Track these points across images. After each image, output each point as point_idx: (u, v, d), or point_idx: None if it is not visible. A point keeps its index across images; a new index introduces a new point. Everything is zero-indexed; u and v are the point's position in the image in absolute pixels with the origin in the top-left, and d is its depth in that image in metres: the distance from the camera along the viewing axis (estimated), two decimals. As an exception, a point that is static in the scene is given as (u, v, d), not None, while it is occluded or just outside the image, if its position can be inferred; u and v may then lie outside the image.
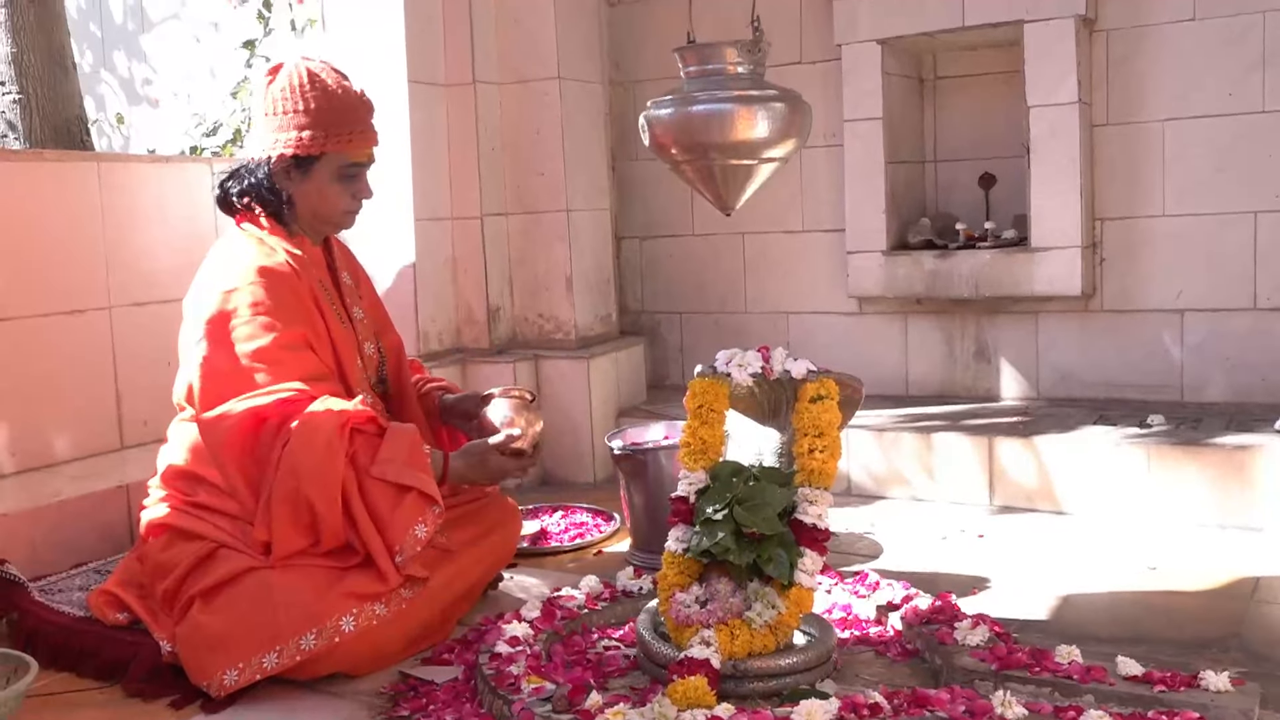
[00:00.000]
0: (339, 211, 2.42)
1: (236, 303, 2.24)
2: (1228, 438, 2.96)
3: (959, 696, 1.79)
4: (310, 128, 2.33)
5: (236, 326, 2.23)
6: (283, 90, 2.34)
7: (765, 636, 1.96)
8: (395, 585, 2.12)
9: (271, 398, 2.19)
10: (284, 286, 2.29)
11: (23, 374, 2.92)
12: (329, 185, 2.38)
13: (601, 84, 3.94)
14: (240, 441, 2.18)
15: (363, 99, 2.42)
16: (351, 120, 2.37)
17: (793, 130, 2.23)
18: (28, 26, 4.18)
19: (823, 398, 2.06)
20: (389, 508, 2.14)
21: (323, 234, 2.49)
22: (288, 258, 2.34)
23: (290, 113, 2.33)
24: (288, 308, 2.27)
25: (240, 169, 2.39)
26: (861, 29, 3.61)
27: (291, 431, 2.14)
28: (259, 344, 2.22)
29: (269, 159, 2.35)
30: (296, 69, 2.37)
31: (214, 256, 2.39)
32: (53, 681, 2.16)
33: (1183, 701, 1.78)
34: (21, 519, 2.58)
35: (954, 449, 3.19)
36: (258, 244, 2.34)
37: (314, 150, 2.34)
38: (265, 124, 2.37)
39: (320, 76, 2.36)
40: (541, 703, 1.82)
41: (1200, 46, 3.32)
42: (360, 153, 2.39)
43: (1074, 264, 3.38)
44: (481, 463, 2.36)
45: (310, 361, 2.28)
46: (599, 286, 3.89)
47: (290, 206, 2.38)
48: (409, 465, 2.18)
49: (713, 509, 2.04)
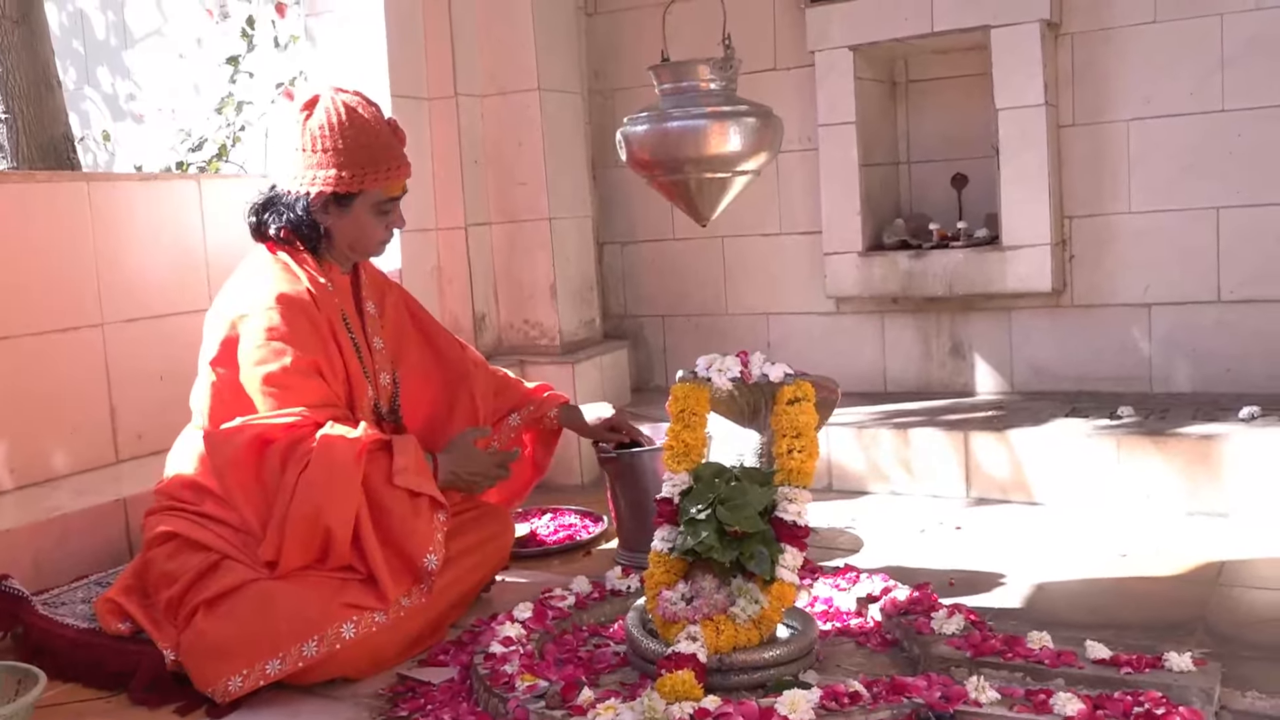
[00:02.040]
0: (375, 242, 2.49)
1: (252, 326, 2.30)
2: (1195, 427, 3.05)
3: (935, 683, 1.87)
4: (349, 166, 2.36)
5: (250, 350, 2.30)
6: (321, 127, 2.37)
7: (749, 631, 2.03)
8: (393, 601, 2.19)
9: (278, 421, 2.25)
10: (301, 314, 2.33)
11: (19, 392, 2.97)
12: (366, 219, 2.43)
13: (581, 94, 4.02)
14: (245, 462, 2.25)
15: (396, 132, 2.46)
16: (389, 157, 2.41)
17: (764, 144, 2.31)
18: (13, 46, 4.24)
19: (800, 400, 2.14)
20: (411, 514, 2.23)
21: (353, 261, 2.54)
22: (310, 285, 2.39)
23: (329, 150, 2.36)
24: (303, 334, 2.32)
25: (276, 201, 2.41)
26: (834, 36, 3.69)
27: (311, 456, 2.19)
28: (270, 368, 2.28)
29: (308, 194, 2.38)
30: (334, 104, 2.39)
31: (238, 278, 2.44)
32: (59, 692, 2.21)
33: (1148, 682, 1.86)
34: (23, 534, 2.62)
35: (931, 444, 3.27)
36: (283, 269, 2.39)
37: (354, 188, 2.38)
38: (301, 159, 2.39)
39: (357, 113, 2.39)
40: (535, 700, 1.89)
41: (1162, 48, 3.41)
42: (397, 187, 2.45)
43: (1044, 261, 3.47)
44: (469, 459, 2.44)
45: (319, 389, 2.33)
46: (582, 292, 3.96)
47: (328, 239, 2.44)
48: (418, 472, 2.27)
49: (696, 509, 2.11)
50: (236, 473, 2.26)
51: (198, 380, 2.43)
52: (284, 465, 2.21)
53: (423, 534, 2.23)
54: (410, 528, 2.23)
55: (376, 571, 2.19)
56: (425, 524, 2.24)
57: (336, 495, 2.18)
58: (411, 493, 2.24)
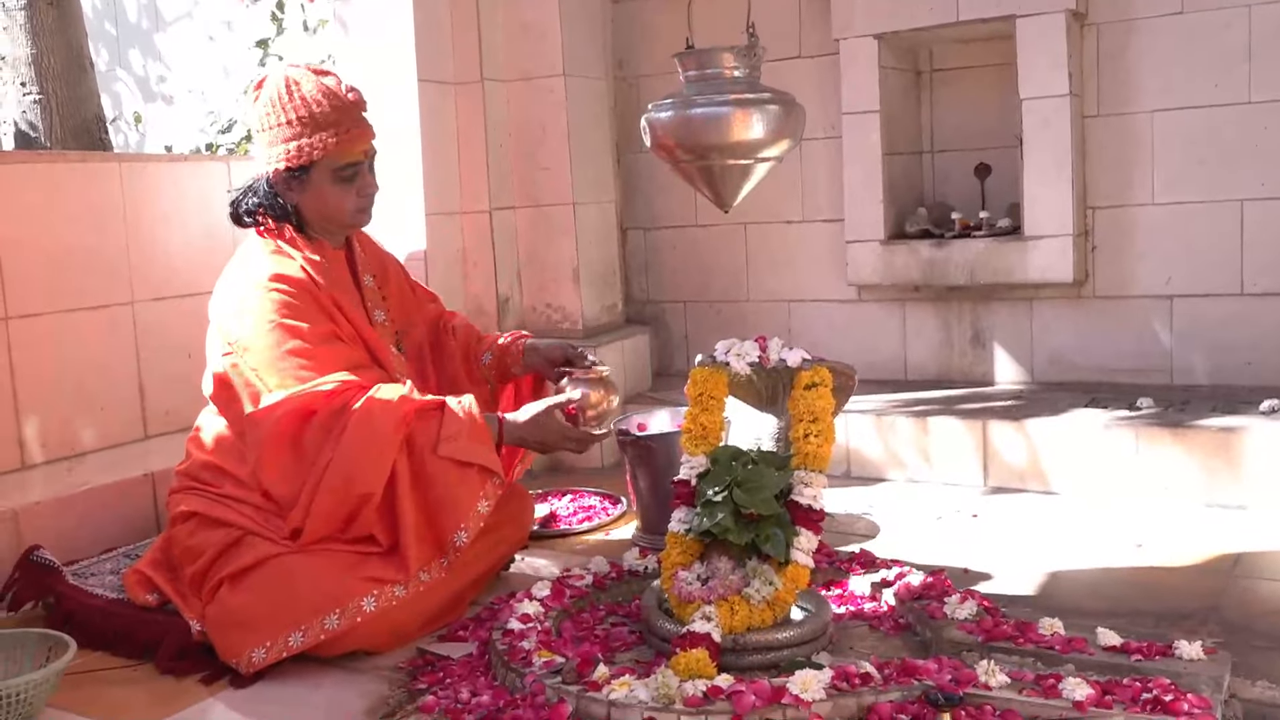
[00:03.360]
0: (346, 212, 2.44)
1: (258, 309, 2.29)
2: (1214, 420, 3.05)
3: (946, 666, 1.89)
4: (296, 139, 2.34)
5: (263, 332, 2.28)
6: (266, 105, 2.36)
7: (763, 611, 2.05)
8: (414, 574, 2.20)
9: (320, 389, 2.23)
10: (300, 290, 2.34)
11: (51, 368, 3.03)
12: (329, 189, 2.40)
13: (606, 80, 4.04)
14: (283, 435, 2.23)
15: (345, 98, 2.38)
16: (335, 123, 2.36)
17: (787, 131, 2.32)
18: (47, 29, 4.30)
19: (817, 385, 2.16)
20: (454, 484, 2.21)
21: (341, 235, 2.53)
22: (305, 263, 2.38)
23: (276, 126, 2.36)
24: (309, 308, 2.33)
25: (248, 186, 2.44)
26: (858, 24, 3.69)
27: (348, 424, 2.19)
28: (291, 344, 2.27)
29: (267, 175, 2.39)
30: (276, 81, 2.37)
31: (232, 266, 2.44)
32: (89, 660, 2.26)
33: (1157, 669, 1.88)
34: (53, 507, 2.69)
35: (949, 432, 3.29)
36: (274, 251, 2.39)
37: (305, 160, 2.35)
38: (259, 140, 2.41)
39: (299, 84, 2.36)
40: (551, 675, 1.92)
41: (1187, 39, 3.40)
42: (351, 152, 2.39)
43: (1066, 252, 3.47)
44: (537, 423, 2.38)
45: (345, 352, 2.33)
46: (605, 277, 3.99)
47: (299, 214, 2.42)
48: (472, 439, 2.24)
49: (713, 491, 2.14)
50: (274, 449, 2.24)
51: (208, 367, 2.44)
52: (321, 436, 2.20)
53: (463, 505, 2.21)
54: (452, 497, 2.21)
55: (404, 539, 2.19)
56: (469, 494, 2.22)
57: (369, 465, 2.17)
58: (458, 462, 2.22)
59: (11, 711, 1.91)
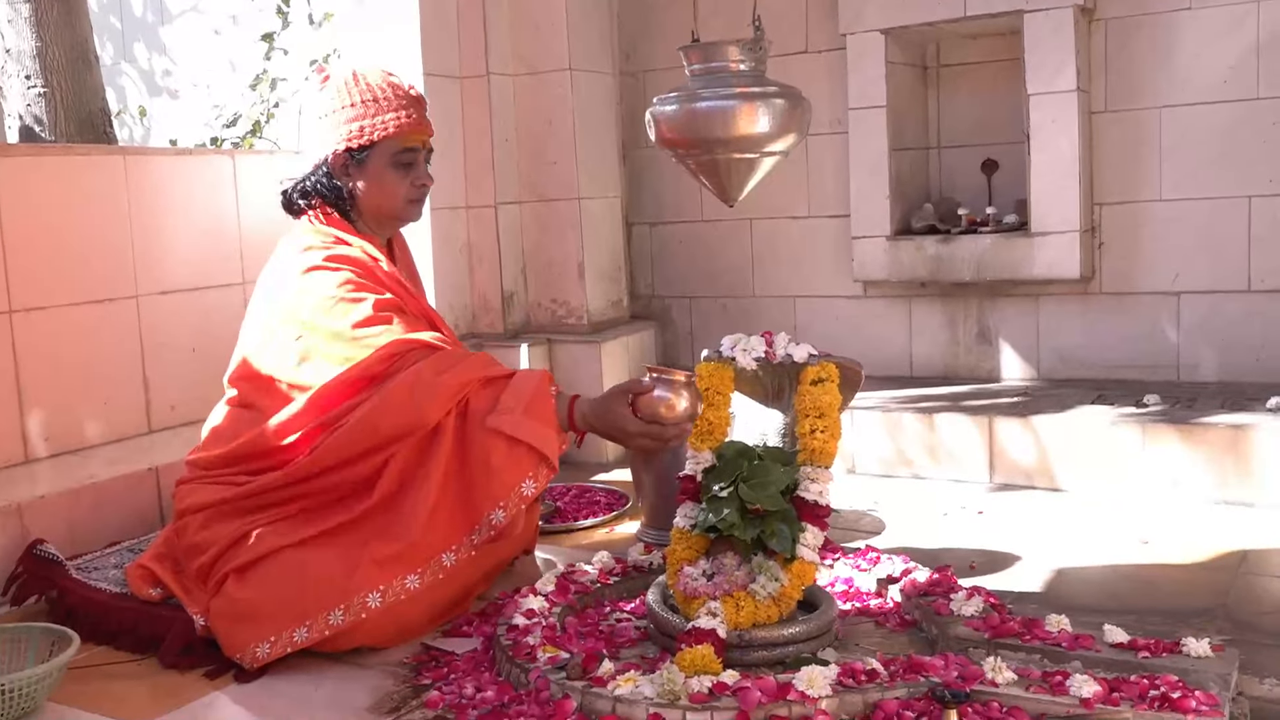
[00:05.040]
0: (401, 200, 2.49)
1: (321, 288, 2.30)
2: (1221, 416, 3.04)
3: (952, 663, 1.88)
4: (359, 119, 2.42)
5: (328, 310, 2.28)
6: (332, 91, 2.46)
7: (769, 607, 2.04)
8: (431, 558, 2.14)
9: (415, 336, 2.26)
10: (362, 268, 2.36)
11: (55, 362, 3.03)
12: (386, 173, 2.45)
13: (612, 75, 4.03)
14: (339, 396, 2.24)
15: (409, 92, 2.49)
16: (398, 108, 2.44)
17: (792, 125, 2.32)
18: (52, 22, 4.30)
19: (823, 380, 2.15)
20: (500, 458, 2.12)
21: (388, 231, 2.56)
22: (362, 243, 2.43)
23: (340, 109, 2.44)
24: (372, 280, 2.34)
25: (304, 174, 2.47)
26: (866, 19, 3.68)
27: (429, 356, 2.20)
28: (353, 317, 2.26)
29: (326, 158, 2.45)
30: (343, 72, 2.48)
31: (284, 253, 2.44)
32: (92, 654, 2.24)
33: (1165, 666, 1.87)
34: (57, 501, 2.68)
35: (955, 429, 3.28)
36: (329, 236, 2.42)
37: (366, 140, 2.42)
38: (318, 127, 2.46)
39: (366, 75, 2.47)
40: (556, 670, 1.91)
41: (1197, 35, 3.39)
42: (412, 138, 2.46)
43: (1073, 248, 3.46)
44: (609, 413, 2.20)
45: (414, 325, 2.32)
46: (610, 272, 3.98)
47: (353, 201, 2.47)
48: (528, 415, 2.14)
49: (719, 487, 2.13)
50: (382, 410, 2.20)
51: (237, 352, 2.43)
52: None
53: (505, 481, 2.13)
54: (491, 470, 2.12)
55: (420, 507, 2.13)
56: (512, 472, 2.13)
57: (432, 396, 2.16)
58: (509, 436, 2.13)
59: (14, 706, 1.91)
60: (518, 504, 2.16)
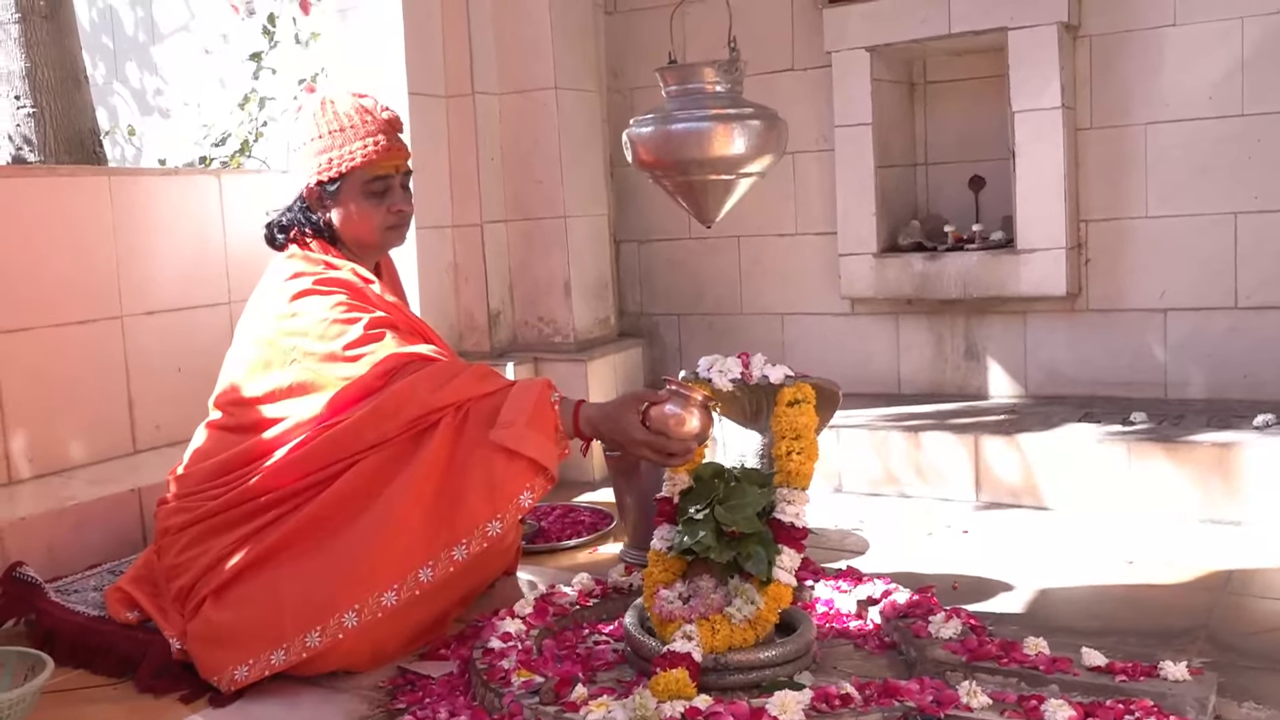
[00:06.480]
0: (378, 229, 2.47)
1: (312, 312, 2.29)
2: (1208, 435, 3.03)
3: (928, 687, 1.87)
4: (327, 151, 2.42)
5: (321, 332, 2.27)
6: (303, 125, 2.46)
7: (745, 631, 2.03)
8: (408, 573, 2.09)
9: (412, 350, 2.25)
10: (351, 289, 2.36)
11: (38, 382, 3.02)
12: (360, 203, 2.44)
13: (599, 92, 4.03)
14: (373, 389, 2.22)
15: (379, 116, 2.46)
16: (365, 135, 2.42)
17: (769, 146, 2.31)
18: (41, 41, 4.29)
19: (800, 401, 2.15)
20: (498, 470, 2.09)
21: (373, 258, 2.55)
22: (352, 265, 2.43)
23: (311, 140, 2.44)
24: (364, 301, 2.34)
25: (285, 206, 2.49)
26: (851, 36, 3.68)
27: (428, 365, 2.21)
28: (347, 338, 2.25)
29: (301, 192, 2.46)
30: (315, 101, 2.48)
31: (270, 282, 2.43)
32: (69, 678, 2.24)
33: (1142, 690, 1.85)
34: (39, 522, 2.68)
35: (941, 447, 3.27)
36: (315, 261, 2.42)
37: (335, 173, 2.41)
38: (296, 159, 2.48)
39: (335, 102, 2.46)
40: (529, 695, 1.90)
41: (1181, 51, 3.39)
42: (382, 165, 2.44)
43: (1059, 265, 3.45)
44: (617, 420, 2.15)
45: (409, 341, 2.31)
46: (597, 290, 3.98)
47: (332, 233, 2.46)
48: (530, 427, 2.10)
49: (695, 509, 2.13)
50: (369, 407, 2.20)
51: (224, 377, 2.42)
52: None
53: (504, 494, 2.09)
54: (493, 484, 2.09)
55: (392, 524, 2.09)
56: (512, 484, 2.09)
57: (383, 434, 2.16)
58: (510, 451, 2.09)
59: (-14, 731, 1.91)
60: (515, 515, 2.14)
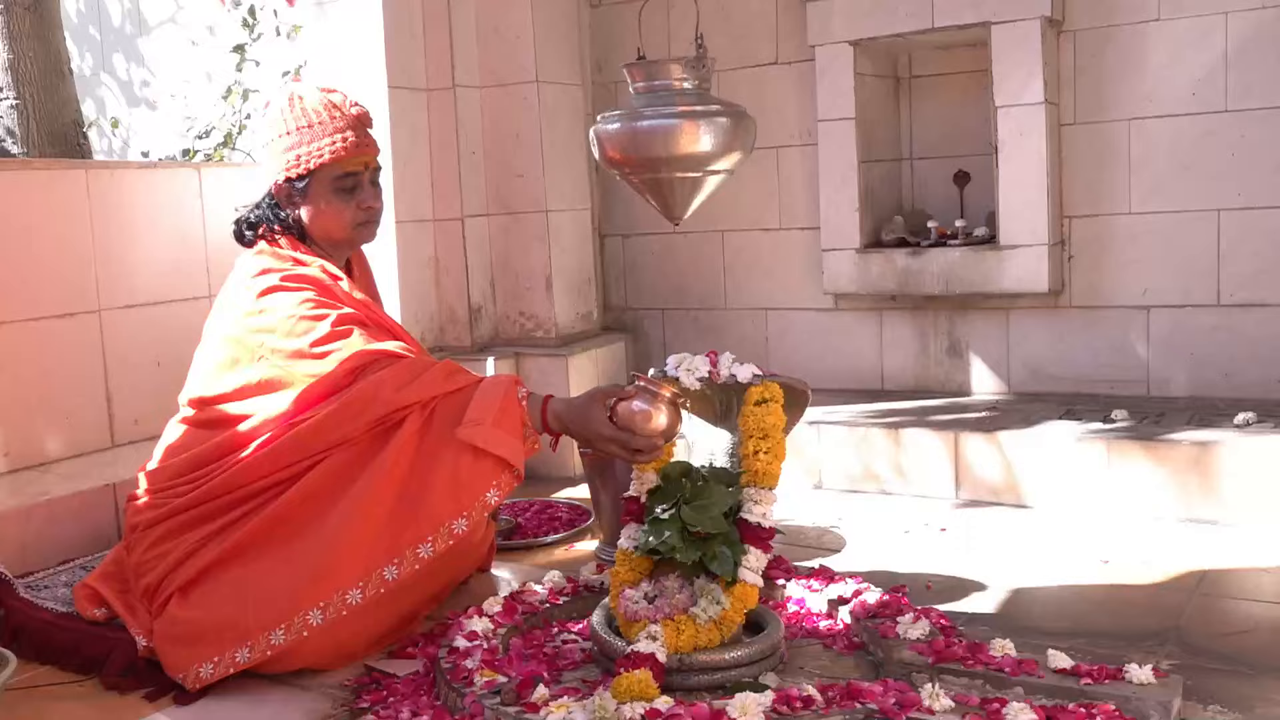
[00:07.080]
0: (347, 226, 2.47)
1: (279, 309, 2.28)
2: (1188, 433, 3.01)
3: (891, 689, 1.86)
4: (295, 147, 2.40)
5: (281, 338, 2.26)
6: (271, 120, 2.44)
7: (710, 631, 2.02)
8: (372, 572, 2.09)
9: (379, 346, 2.25)
10: (319, 285, 2.34)
11: (16, 376, 3.01)
12: (330, 200, 2.43)
13: (582, 86, 4.01)
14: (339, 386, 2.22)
15: (348, 111, 2.45)
16: (334, 131, 2.41)
17: (736, 143, 2.30)
18: (24, 33, 4.28)
19: (767, 400, 2.13)
20: (465, 468, 2.09)
21: (344, 255, 2.54)
22: (321, 262, 2.41)
23: (279, 136, 2.42)
24: (332, 297, 2.33)
25: (253, 204, 2.48)
26: (834, 30, 3.66)
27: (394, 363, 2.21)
28: (313, 335, 2.24)
29: (270, 189, 2.44)
30: (281, 97, 2.45)
31: (238, 279, 2.42)
32: (35, 674, 2.23)
33: (1107, 693, 1.84)
34: (11, 518, 2.67)
35: (922, 444, 3.25)
36: (286, 258, 2.40)
37: (304, 169, 2.40)
38: (265, 156, 2.46)
39: (303, 97, 2.43)
40: (491, 696, 1.89)
41: (1165, 47, 3.37)
42: (351, 162, 2.43)
43: (1042, 261, 3.43)
44: (584, 415, 2.15)
45: (374, 337, 2.30)
46: (579, 285, 3.96)
47: (301, 229, 2.45)
48: (496, 424, 2.10)
49: (661, 508, 2.11)
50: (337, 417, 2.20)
51: (193, 374, 2.42)
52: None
53: (471, 491, 2.10)
54: (459, 483, 2.09)
55: (355, 522, 2.09)
56: (479, 482, 2.10)
57: (348, 432, 2.17)
58: (476, 449, 2.09)
59: (-56, 730, 1.89)
60: (481, 512, 2.14)
